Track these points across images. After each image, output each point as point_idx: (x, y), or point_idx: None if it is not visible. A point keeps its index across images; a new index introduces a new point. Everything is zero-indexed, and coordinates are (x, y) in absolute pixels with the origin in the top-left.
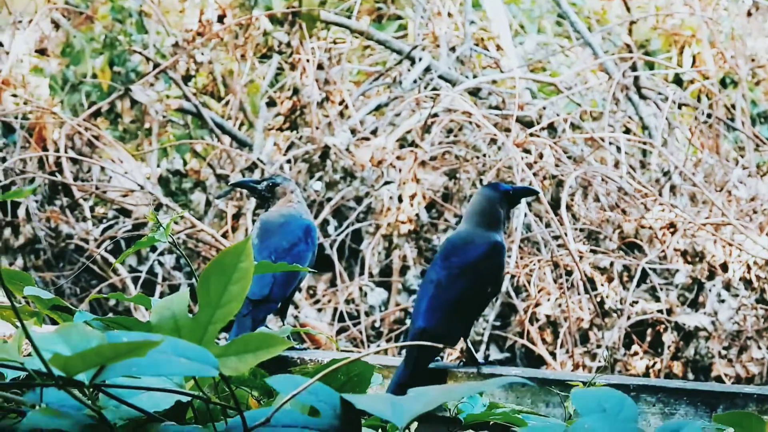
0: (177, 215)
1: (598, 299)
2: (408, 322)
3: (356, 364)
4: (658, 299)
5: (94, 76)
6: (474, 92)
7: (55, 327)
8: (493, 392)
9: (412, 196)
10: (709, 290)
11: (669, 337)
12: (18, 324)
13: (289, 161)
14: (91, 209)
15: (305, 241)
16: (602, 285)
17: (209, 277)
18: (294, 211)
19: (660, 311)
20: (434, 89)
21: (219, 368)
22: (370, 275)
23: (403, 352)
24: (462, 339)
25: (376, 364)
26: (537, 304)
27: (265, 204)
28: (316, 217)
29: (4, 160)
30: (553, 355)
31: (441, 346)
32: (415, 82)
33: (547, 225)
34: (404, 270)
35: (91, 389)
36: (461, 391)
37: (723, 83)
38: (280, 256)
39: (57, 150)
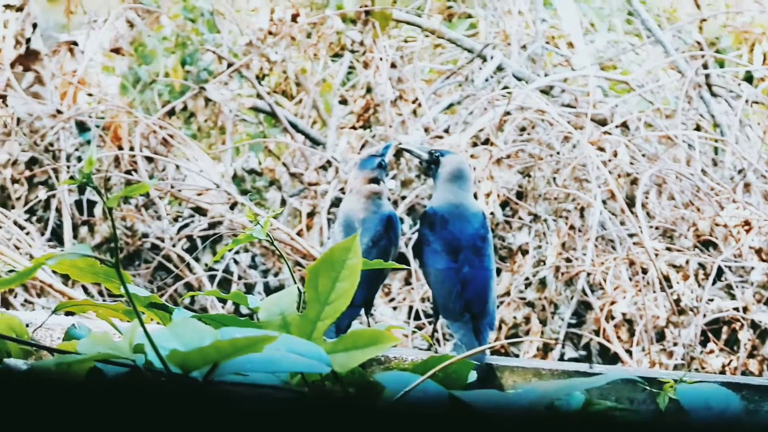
0: (273, 213)
1: (674, 297)
2: None
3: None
4: (733, 297)
5: (166, 75)
6: (546, 90)
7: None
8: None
9: (488, 194)
10: None
11: (745, 335)
12: (117, 322)
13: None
14: (167, 208)
15: (387, 236)
16: (678, 283)
17: (317, 274)
18: (375, 201)
19: (736, 309)
20: (506, 87)
21: (331, 364)
22: None
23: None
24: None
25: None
26: (613, 302)
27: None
28: None
29: (79, 159)
30: (629, 353)
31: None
32: (486, 80)
33: (622, 223)
34: None
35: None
36: (568, 386)
37: None
38: (364, 253)
39: (132, 149)
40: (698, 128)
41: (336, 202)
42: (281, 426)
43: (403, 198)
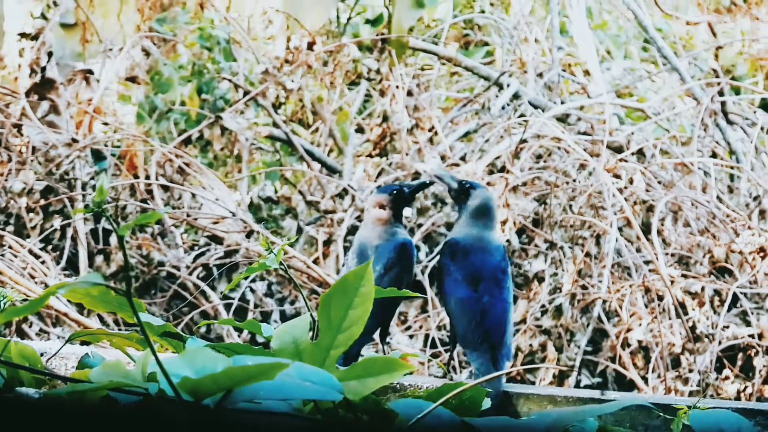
0: (288, 241)
1: (690, 324)
2: None
3: (469, 389)
4: (749, 323)
5: (182, 103)
6: (562, 118)
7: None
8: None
9: (504, 222)
10: None
11: (760, 362)
12: (131, 351)
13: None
14: (182, 236)
15: (400, 263)
16: (693, 309)
17: (330, 301)
18: (389, 229)
19: (751, 335)
20: (522, 115)
21: (343, 392)
22: None
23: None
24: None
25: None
26: (629, 329)
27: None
28: None
29: (95, 188)
30: (644, 379)
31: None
32: (503, 108)
33: (638, 250)
34: None
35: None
36: (582, 413)
37: None
38: (375, 281)
39: (148, 177)
40: (714, 155)
41: (352, 230)
42: None
43: (420, 226)
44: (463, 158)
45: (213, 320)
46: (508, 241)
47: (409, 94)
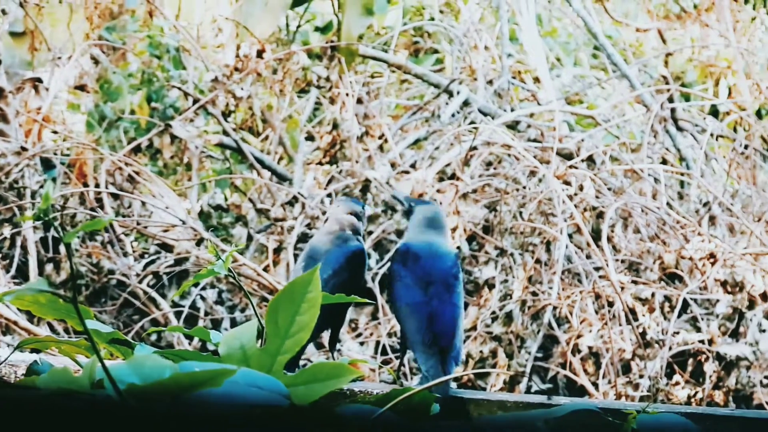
0: (236, 248)
1: (640, 330)
2: None
3: (417, 394)
4: (699, 329)
5: (132, 112)
6: (512, 125)
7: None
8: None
9: (454, 229)
10: (750, 320)
11: (710, 367)
12: (79, 358)
13: (329, 195)
14: (132, 244)
15: (348, 270)
16: (644, 315)
17: (277, 307)
18: (343, 235)
19: (701, 341)
20: (472, 122)
21: (290, 397)
22: None
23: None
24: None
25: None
26: (579, 336)
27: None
28: None
29: None
30: (595, 385)
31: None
32: (453, 115)
33: (588, 256)
34: None
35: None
36: (528, 418)
37: (759, 114)
38: (322, 285)
39: (97, 185)
40: (664, 162)
41: (302, 238)
42: None
43: (370, 233)
44: (413, 165)
45: (163, 328)
46: (458, 248)
47: (359, 101)
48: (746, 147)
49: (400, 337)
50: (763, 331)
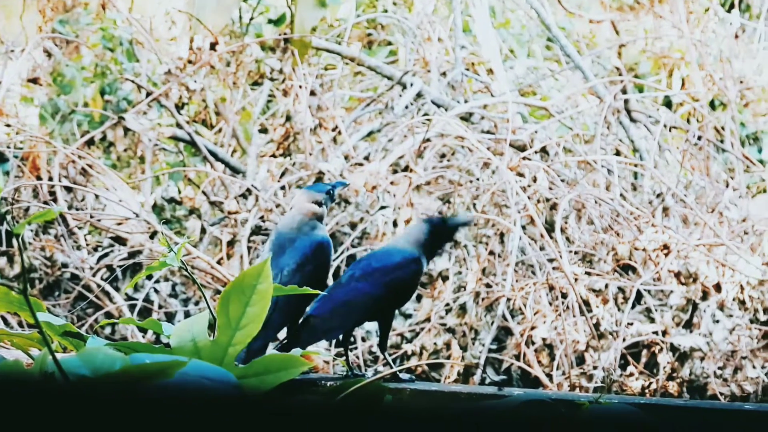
0: (188, 240)
1: (594, 321)
2: (403, 345)
3: (369, 385)
4: (653, 320)
5: (86, 105)
6: (466, 117)
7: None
8: None
9: (407, 221)
10: (704, 311)
11: (664, 358)
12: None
13: (283, 187)
14: (86, 238)
15: (314, 261)
16: (597, 307)
17: (228, 299)
18: (311, 224)
19: (655, 332)
20: (425, 114)
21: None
22: None
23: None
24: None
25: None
26: (533, 327)
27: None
28: None
29: None
30: (549, 377)
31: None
32: (406, 107)
33: (542, 248)
34: None
35: None
36: (478, 410)
37: (712, 105)
38: (287, 277)
39: (51, 179)
40: (617, 153)
41: (256, 231)
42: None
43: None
44: (366, 158)
45: (113, 320)
46: None
47: (312, 93)
48: (699, 138)
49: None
50: (717, 321)
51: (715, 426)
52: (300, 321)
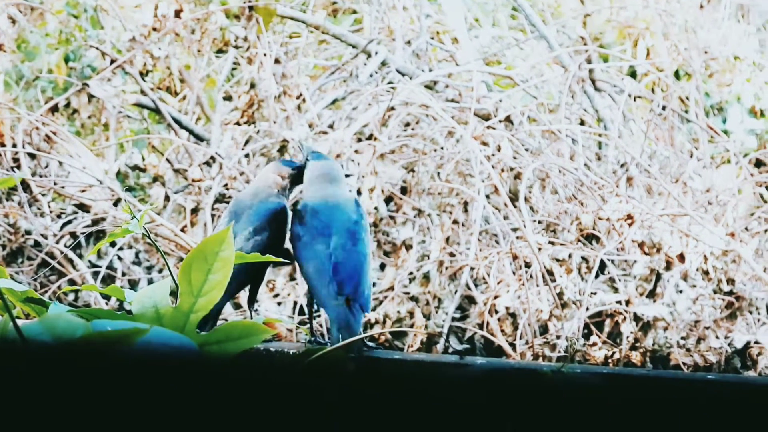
0: (150, 207)
1: (557, 290)
2: (367, 313)
3: (332, 353)
4: (616, 290)
5: (50, 71)
6: (430, 86)
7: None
8: None
9: (371, 189)
10: (667, 281)
11: (628, 328)
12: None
13: (247, 155)
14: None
15: (270, 228)
16: (561, 276)
17: (190, 266)
18: (268, 192)
19: (618, 302)
20: (390, 83)
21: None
22: None
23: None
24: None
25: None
26: (496, 296)
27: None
28: None
29: None
30: (513, 346)
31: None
32: (371, 75)
33: (506, 217)
34: None
35: None
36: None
37: (677, 75)
38: (241, 242)
39: (14, 145)
40: (582, 123)
41: (220, 199)
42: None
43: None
44: (331, 126)
45: (75, 287)
46: (375, 208)
47: (277, 61)
48: (664, 108)
49: (307, 298)
50: (680, 292)
51: (677, 396)
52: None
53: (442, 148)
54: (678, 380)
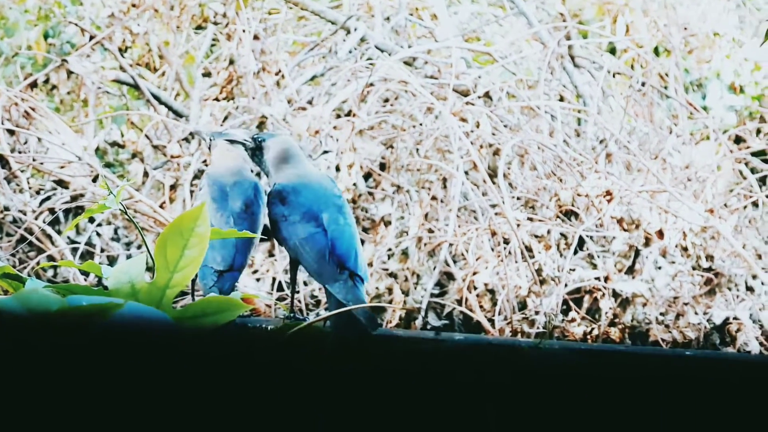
0: (127, 183)
1: (536, 267)
2: None
3: (310, 329)
4: (595, 266)
5: (29, 47)
6: (409, 62)
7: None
8: None
9: (350, 166)
10: (646, 257)
11: (606, 304)
12: None
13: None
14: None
15: (257, 203)
16: (540, 253)
17: (166, 242)
18: (242, 167)
19: (597, 278)
20: (369, 59)
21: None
22: None
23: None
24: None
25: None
26: (475, 272)
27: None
28: None
29: None
30: (491, 322)
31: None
32: (350, 52)
33: (484, 193)
34: None
35: None
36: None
37: (656, 51)
38: (238, 220)
39: None
40: (561, 99)
41: (199, 175)
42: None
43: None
44: (310, 102)
45: (53, 263)
46: (354, 184)
47: (256, 37)
48: (643, 84)
49: (290, 275)
50: (659, 268)
51: (656, 372)
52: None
53: (421, 124)
54: (657, 357)
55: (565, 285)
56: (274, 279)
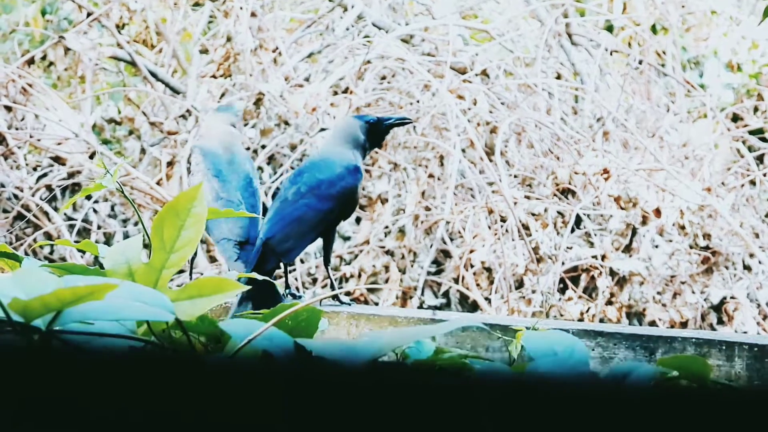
0: (124, 162)
1: (533, 245)
2: (342, 267)
3: (303, 309)
4: (592, 245)
5: (27, 24)
6: (406, 39)
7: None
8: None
9: None
10: (643, 236)
11: (603, 283)
12: None
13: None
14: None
15: (256, 176)
16: (537, 231)
17: (163, 221)
18: (233, 141)
19: (594, 257)
20: (366, 36)
21: (174, 312)
22: None
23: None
24: (324, 266)
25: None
26: (472, 251)
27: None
28: None
29: None
30: (488, 300)
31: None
32: (347, 29)
33: (482, 171)
34: None
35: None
36: (414, 334)
37: (653, 29)
38: (245, 194)
39: None
40: (558, 77)
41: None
42: (123, 374)
43: (263, 147)
44: (307, 79)
45: (50, 241)
46: None
47: (253, 15)
48: (641, 62)
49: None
50: (656, 246)
51: (653, 351)
52: (256, 246)
53: (418, 101)
54: (653, 336)
55: (562, 263)
56: None
